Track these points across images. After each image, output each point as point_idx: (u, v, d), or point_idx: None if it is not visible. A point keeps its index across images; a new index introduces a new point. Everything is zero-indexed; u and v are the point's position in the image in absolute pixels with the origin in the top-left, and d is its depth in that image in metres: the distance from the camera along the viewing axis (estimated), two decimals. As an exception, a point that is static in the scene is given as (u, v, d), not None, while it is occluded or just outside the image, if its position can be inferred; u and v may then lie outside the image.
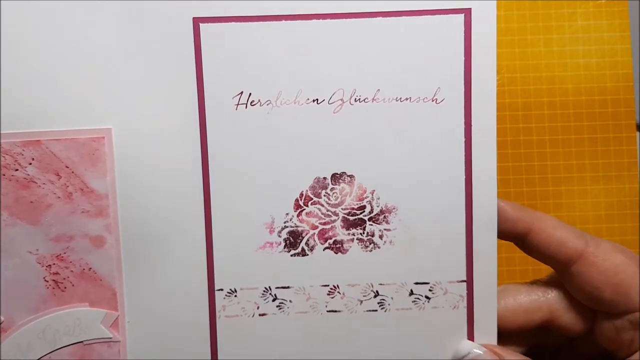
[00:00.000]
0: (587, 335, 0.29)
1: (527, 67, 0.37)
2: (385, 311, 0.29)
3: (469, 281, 0.29)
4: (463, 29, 0.28)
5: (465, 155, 0.28)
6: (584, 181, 0.37)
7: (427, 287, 0.29)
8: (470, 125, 0.28)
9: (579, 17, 0.37)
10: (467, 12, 0.28)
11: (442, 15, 0.28)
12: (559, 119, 0.37)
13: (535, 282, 0.30)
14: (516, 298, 0.29)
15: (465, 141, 0.28)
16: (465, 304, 0.29)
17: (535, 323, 0.29)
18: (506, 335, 0.29)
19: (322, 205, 0.29)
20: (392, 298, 0.29)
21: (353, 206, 0.29)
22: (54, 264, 0.28)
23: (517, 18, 0.38)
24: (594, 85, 0.37)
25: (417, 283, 0.29)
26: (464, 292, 0.29)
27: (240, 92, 0.28)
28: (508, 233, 0.29)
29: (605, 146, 0.38)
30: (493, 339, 0.29)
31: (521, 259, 0.38)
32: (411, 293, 0.29)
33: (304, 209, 0.29)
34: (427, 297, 0.29)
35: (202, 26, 0.27)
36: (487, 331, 0.29)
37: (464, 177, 0.29)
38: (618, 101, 0.37)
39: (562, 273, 0.29)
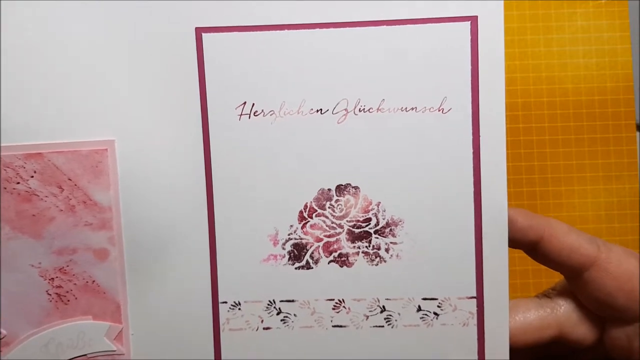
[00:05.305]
0: (597, 344, 0.27)
1: (527, 67, 0.36)
2: (392, 327, 0.27)
3: (479, 297, 0.27)
4: (470, 36, 0.26)
5: (473, 166, 0.26)
6: (584, 181, 0.36)
7: (436, 303, 0.27)
8: (479, 136, 0.26)
9: (579, 17, 0.36)
10: (473, 20, 0.26)
11: (448, 23, 0.26)
12: (558, 119, 0.36)
13: (543, 297, 0.28)
14: (525, 316, 0.27)
15: (473, 152, 0.26)
16: (475, 321, 0.27)
17: (545, 340, 0.27)
18: (514, 350, 0.27)
19: (327, 217, 0.27)
20: (399, 314, 0.27)
21: (358, 218, 0.27)
22: (56, 277, 0.26)
23: (517, 18, 0.36)
24: (594, 85, 0.36)
25: (425, 299, 0.27)
26: (474, 309, 0.27)
27: (243, 102, 0.27)
28: (519, 242, 0.27)
29: (605, 146, 0.36)
30: (505, 358, 0.27)
31: (521, 259, 0.36)
32: (419, 309, 0.27)
33: (309, 221, 0.27)
34: (435, 313, 0.27)
35: (205, 36, 0.26)
36: (498, 350, 0.27)
37: (473, 188, 0.27)
38: (618, 101, 0.36)
39: (574, 280, 0.27)
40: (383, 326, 0.27)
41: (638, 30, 0.36)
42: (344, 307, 0.27)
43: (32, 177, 0.26)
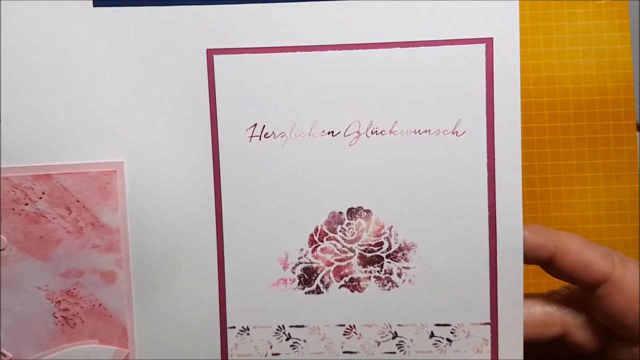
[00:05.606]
0: (601, 353, 0.27)
1: (527, 67, 0.35)
2: (404, 354, 0.27)
3: (494, 324, 0.26)
4: (485, 59, 0.25)
5: (488, 190, 0.26)
6: (584, 181, 0.36)
7: (449, 329, 0.27)
8: (494, 159, 0.26)
9: (579, 17, 0.35)
10: (488, 42, 0.25)
11: (462, 45, 0.26)
12: (559, 119, 0.36)
13: (551, 294, 0.28)
14: (530, 310, 0.27)
15: (488, 175, 0.26)
16: (489, 347, 0.26)
17: (548, 337, 0.26)
18: None
19: (338, 241, 0.27)
20: (411, 340, 0.27)
21: (370, 242, 0.27)
22: (63, 299, 0.26)
23: None
24: (594, 85, 0.35)
25: (437, 325, 0.27)
26: (488, 335, 0.26)
27: (254, 123, 0.26)
28: (532, 260, 0.26)
29: (606, 146, 0.36)
30: (519, 385, 0.26)
31: None
32: (432, 335, 0.27)
33: (319, 245, 0.27)
34: (448, 339, 0.27)
35: (216, 58, 0.26)
36: (514, 378, 0.26)
37: (487, 213, 0.26)
38: (618, 101, 0.36)
39: (587, 292, 0.26)
40: (395, 352, 0.27)
41: (638, 30, 0.36)
42: (354, 332, 0.27)
43: (41, 198, 0.26)
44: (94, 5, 0.25)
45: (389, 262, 0.26)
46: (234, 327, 0.27)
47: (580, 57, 0.36)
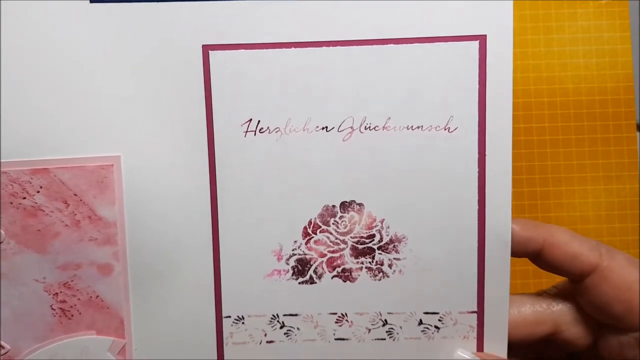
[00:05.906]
0: (591, 348, 0.28)
1: (527, 67, 0.36)
2: (393, 340, 0.28)
3: (480, 312, 0.27)
4: (478, 56, 0.26)
5: (478, 186, 0.27)
6: (585, 181, 0.36)
7: (437, 317, 0.28)
8: (485, 155, 0.26)
9: (579, 17, 0.35)
10: (482, 39, 0.26)
11: (456, 42, 0.26)
12: (559, 119, 0.36)
13: (540, 294, 0.28)
14: (520, 310, 0.27)
15: (479, 171, 0.27)
16: (475, 334, 0.28)
17: (538, 336, 0.27)
18: (509, 346, 0.27)
19: (331, 234, 0.27)
20: (400, 327, 0.28)
21: (362, 235, 0.27)
22: (61, 292, 0.26)
23: (517, 18, 0.36)
24: (594, 86, 0.36)
25: (426, 313, 0.28)
26: (475, 323, 0.27)
27: (249, 119, 0.27)
28: (521, 253, 0.27)
29: (606, 146, 0.36)
30: (503, 369, 0.27)
31: (521, 259, 0.37)
32: (420, 322, 0.28)
33: (313, 237, 0.27)
34: (436, 327, 0.28)
35: (212, 53, 0.26)
36: (498, 364, 0.27)
37: (477, 207, 0.27)
38: (618, 101, 0.36)
39: (575, 284, 0.27)
40: (385, 339, 0.28)
41: (638, 31, 0.36)
42: (346, 320, 0.28)
43: (38, 192, 0.26)
44: (91, 2, 0.25)
45: (380, 254, 0.27)
46: (229, 317, 0.27)
47: (581, 57, 0.36)
